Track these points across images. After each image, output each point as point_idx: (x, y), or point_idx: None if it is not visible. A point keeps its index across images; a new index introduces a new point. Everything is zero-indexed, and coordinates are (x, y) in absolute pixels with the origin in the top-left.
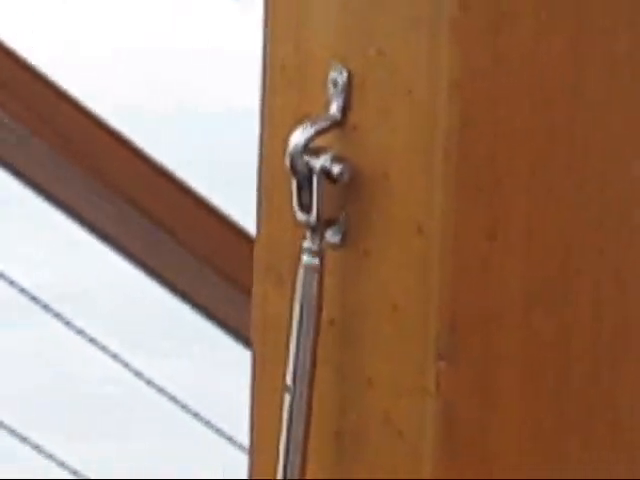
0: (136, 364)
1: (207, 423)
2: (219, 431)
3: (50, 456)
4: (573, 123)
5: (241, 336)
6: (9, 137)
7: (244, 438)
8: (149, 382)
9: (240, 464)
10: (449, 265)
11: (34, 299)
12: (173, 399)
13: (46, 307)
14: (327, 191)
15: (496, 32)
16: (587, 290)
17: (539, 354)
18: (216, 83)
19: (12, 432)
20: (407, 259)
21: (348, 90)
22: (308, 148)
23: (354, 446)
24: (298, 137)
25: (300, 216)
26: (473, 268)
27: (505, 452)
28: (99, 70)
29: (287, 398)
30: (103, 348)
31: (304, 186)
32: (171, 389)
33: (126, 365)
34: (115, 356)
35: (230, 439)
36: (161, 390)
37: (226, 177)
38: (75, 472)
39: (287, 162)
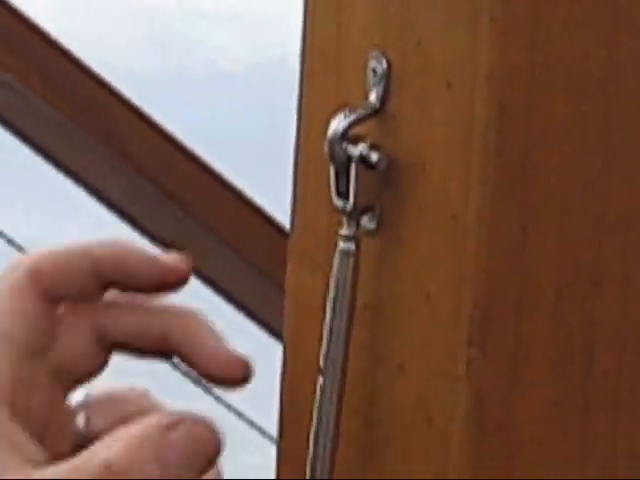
0: None
1: None
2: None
3: None
4: (607, 116)
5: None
6: (20, 104)
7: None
8: None
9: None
10: (483, 254)
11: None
12: None
13: None
14: (364, 178)
15: (534, 26)
16: (615, 283)
17: (567, 344)
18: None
19: None
20: (441, 248)
21: (387, 79)
22: (347, 136)
23: (384, 431)
24: (337, 124)
25: (337, 202)
26: (506, 258)
27: (532, 439)
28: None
29: (320, 380)
30: None
31: (341, 173)
32: None
33: None
34: None
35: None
36: None
37: (237, 149)
38: None
39: (326, 148)
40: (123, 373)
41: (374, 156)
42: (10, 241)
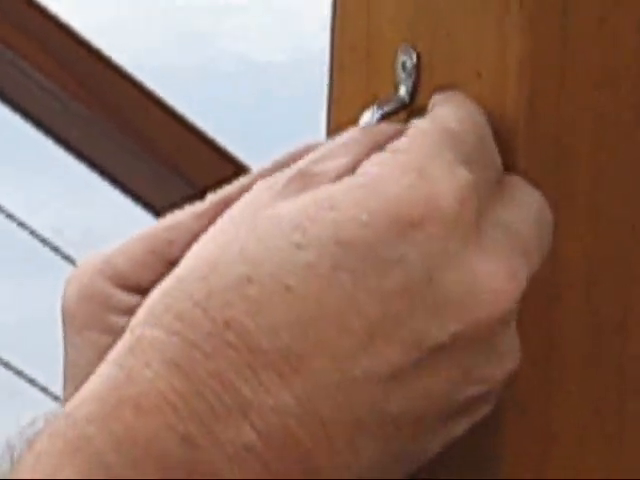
0: None
1: None
2: None
3: None
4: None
5: None
6: (50, 101)
7: None
8: None
9: None
10: None
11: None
12: None
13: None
14: None
15: (564, 13)
16: None
17: (600, 330)
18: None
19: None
20: None
21: (417, 73)
22: None
23: None
24: (367, 118)
25: None
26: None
27: (568, 429)
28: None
29: None
30: None
31: None
32: None
33: None
34: None
35: None
36: None
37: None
38: None
39: None
40: None
41: None
42: (33, 232)
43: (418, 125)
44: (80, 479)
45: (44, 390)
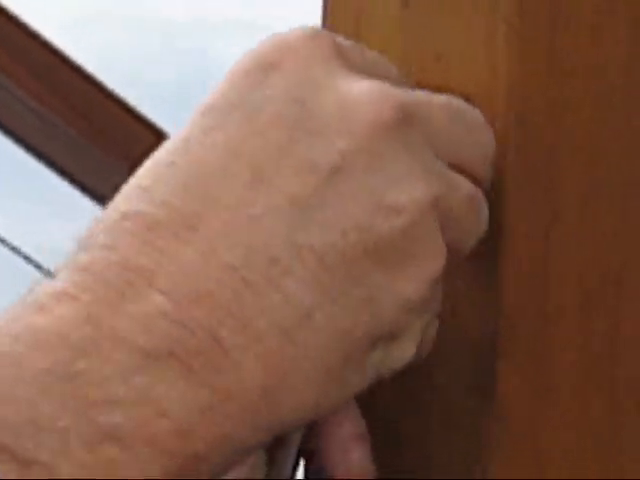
0: None
1: None
2: None
3: None
4: (630, 123)
5: None
6: (36, 123)
7: None
8: None
9: None
10: (507, 262)
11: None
12: None
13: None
14: None
15: (552, 35)
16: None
17: (592, 348)
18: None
19: None
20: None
21: None
22: None
23: None
24: None
25: None
26: (530, 263)
27: (560, 446)
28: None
29: None
30: None
31: None
32: None
33: None
34: None
35: None
36: None
37: None
38: None
39: None
40: None
41: None
42: (27, 258)
43: None
44: None
45: None
